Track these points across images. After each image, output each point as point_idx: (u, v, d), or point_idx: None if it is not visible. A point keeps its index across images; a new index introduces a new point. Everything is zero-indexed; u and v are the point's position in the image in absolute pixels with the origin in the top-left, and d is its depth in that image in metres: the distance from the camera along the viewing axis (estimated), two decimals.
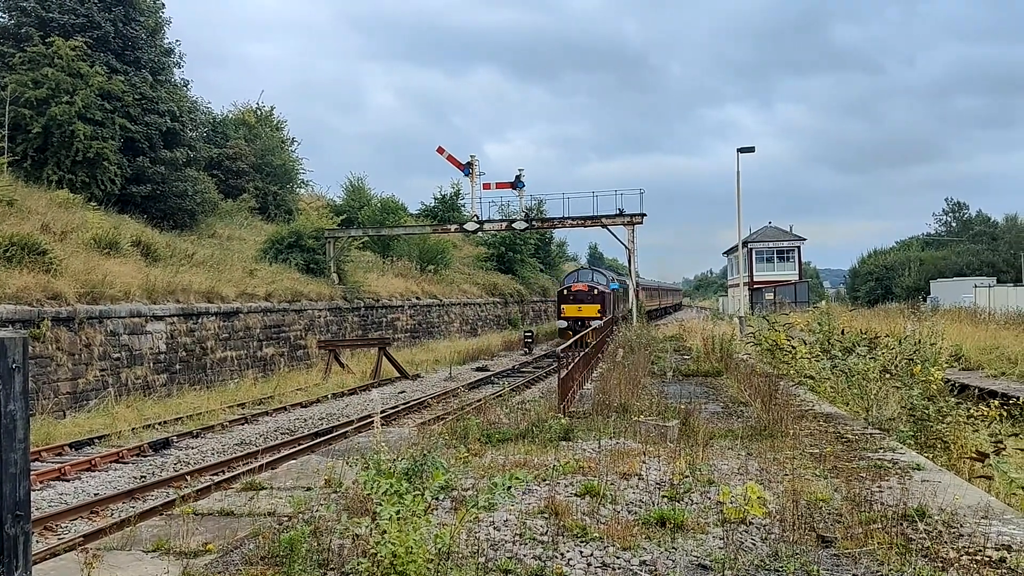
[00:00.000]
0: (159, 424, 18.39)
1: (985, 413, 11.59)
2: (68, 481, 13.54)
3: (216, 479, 13.03)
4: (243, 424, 19.37)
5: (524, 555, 6.12)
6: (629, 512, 7.25)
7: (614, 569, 5.83)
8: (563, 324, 42.09)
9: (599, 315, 40.51)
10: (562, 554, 6.14)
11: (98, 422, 18.42)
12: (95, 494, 12.58)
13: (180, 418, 19.22)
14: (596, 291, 42.92)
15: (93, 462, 14.54)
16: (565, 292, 44.16)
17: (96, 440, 16.52)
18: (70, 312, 20.01)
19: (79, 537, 9.55)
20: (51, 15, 31.52)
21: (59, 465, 14.09)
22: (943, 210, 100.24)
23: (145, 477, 13.82)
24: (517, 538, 6.56)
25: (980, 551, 5.85)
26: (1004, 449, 8.81)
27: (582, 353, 19.68)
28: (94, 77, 30.48)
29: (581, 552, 6.17)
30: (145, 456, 15.64)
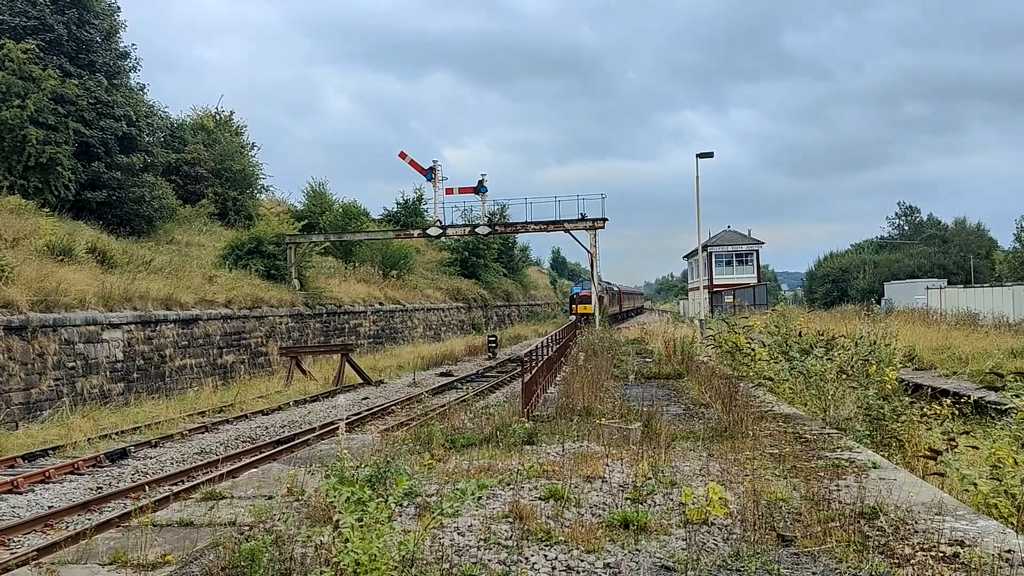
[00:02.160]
0: (116, 434, 18.02)
1: (938, 412, 11.87)
2: (21, 494, 13.21)
3: (175, 489, 12.81)
4: (203, 433, 19.07)
5: (489, 560, 6.12)
6: (593, 515, 7.29)
7: (578, 572, 5.86)
8: (573, 318, 56.50)
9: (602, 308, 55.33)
10: (527, 558, 6.15)
11: (52, 433, 17.99)
12: (49, 507, 12.28)
13: (138, 427, 18.85)
14: (599, 295, 57.80)
15: (47, 474, 14.20)
16: (575, 296, 61.88)
17: (50, 451, 16.14)
18: (22, 320, 19.54)
19: (33, 551, 9.32)
20: (1, 17, 30.80)
21: (11, 477, 13.72)
22: (896, 214, 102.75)
23: (101, 488, 13.53)
24: (482, 543, 6.56)
25: (935, 547, 5.99)
26: (956, 446, 9.04)
27: (545, 357, 19.76)
28: (47, 80, 29.83)
29: (546, 556, 6.20)
30: (102, 467, 15.31)
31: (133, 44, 37.44)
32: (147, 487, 13.20)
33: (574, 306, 61.10)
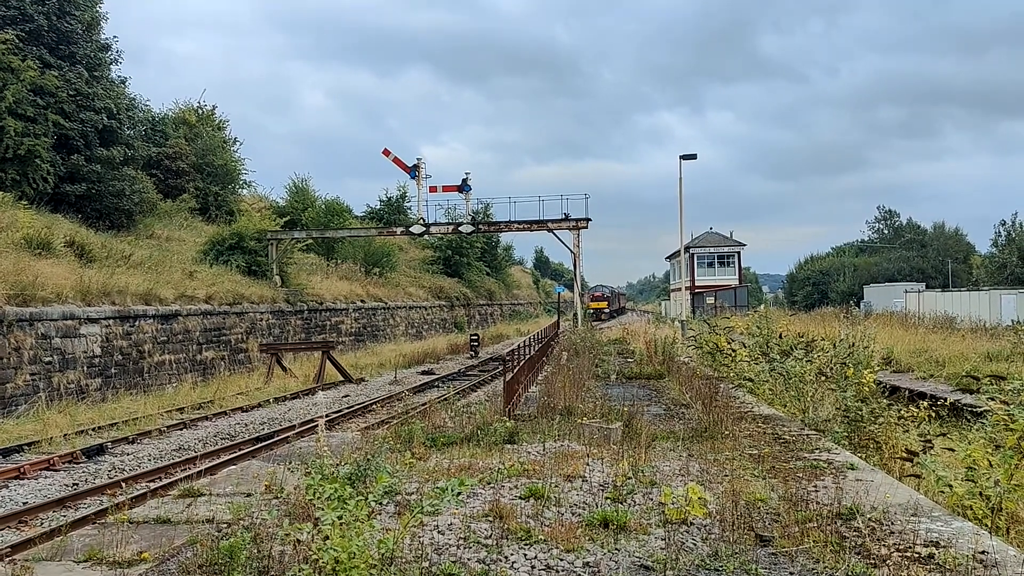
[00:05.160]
0: (93, 430, 17.84)
1: (915, 414, 11.99)
2: None
3: (152, 486, 12.69)
4: (181, 429, 18.92)
5: (468, 559, 6.12)
6: (573, 514, 7.30)
7: (558, 571, 5.86)
8: (592, 312, 73.64)
9: (607, 307, 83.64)
10: (506, 557, 6.15)
11: (28, 428, 17.79)
12: (24, 503, 12.14)
13: (115, 423, 18.67)
14: (605, 296, 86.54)
15: (22, 470, 14.03)
16: (590, 297, 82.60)
17: (25, 447, 15.96)
18: None
19: (7, 548, 9.20)
20: None
21: None
22: (875, 218, 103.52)
23: (77, 485, 13.39)
24: (461, 542, 6.55)
25: (910, 547, 6.05)
26: (932, 448, 9.12)
27: (527, 356, 19.78)
28: (26, 71, 29.46)
29: (525, 555, 6.20)
30: (78, 463, 15.15)
31: (115, 36, 37.09)
32: (124, 484, 13.07)
33: (591, 303, 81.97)
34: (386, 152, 40.04)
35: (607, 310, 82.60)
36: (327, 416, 19.60)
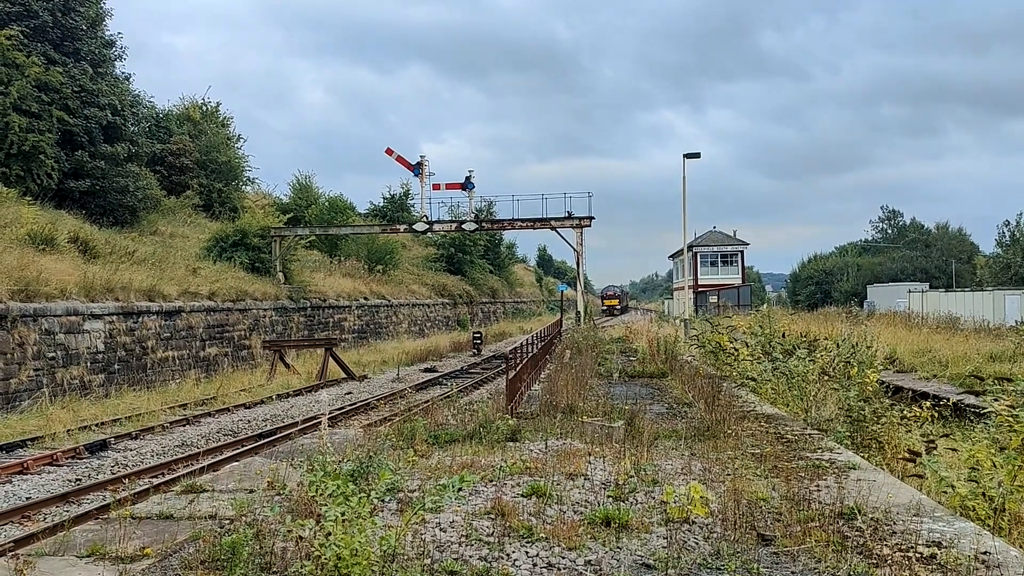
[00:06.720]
0: (96, 425, 17.88)
1: (917, 414, 11.98)
2: None
3: (155, 482, 12.72)
4: (184, 425, 18.96)
5: (470, 556, 6.12)
6: (575, 512, 7.30)
7: (559, 569, 5.87)
8: (605, 308, 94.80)
9: (619, 303, 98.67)
10: (508, 555, 6.16)
11: (31, 423, 17.83)
12: (27, 498, 12.17)
13: (118, 419, 18.72)
14: (616, 294, 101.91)
15: (25, 465, 14.07)
16: (606, 294, 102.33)
17: (29, 442, 16.00)
18: (2, 310, 19.34)
19: (10, 543, 9.23)
20: None
21: None
22: (879, 217, 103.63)
23: (80, 480, 13.42)
24: (463, 539, 6.55)
25: (912, 548, 6.04)
26: (935, 449, 9.11)
27: (530, 355, 19.79)
28: (30, 68, 29.50)
29: (527, 552, 6.20)
30: (81, 458, 15.19)
31: (119, 32, 37.15)
32: (127, 479, 13.10)
33: (604, 301, 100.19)
34: (389, 151, 40.12)
35: (618, 307, 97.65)
36: (329, 413, 19.62)
